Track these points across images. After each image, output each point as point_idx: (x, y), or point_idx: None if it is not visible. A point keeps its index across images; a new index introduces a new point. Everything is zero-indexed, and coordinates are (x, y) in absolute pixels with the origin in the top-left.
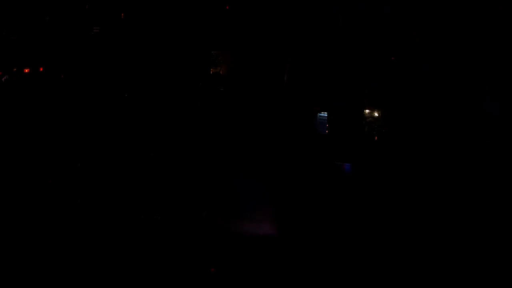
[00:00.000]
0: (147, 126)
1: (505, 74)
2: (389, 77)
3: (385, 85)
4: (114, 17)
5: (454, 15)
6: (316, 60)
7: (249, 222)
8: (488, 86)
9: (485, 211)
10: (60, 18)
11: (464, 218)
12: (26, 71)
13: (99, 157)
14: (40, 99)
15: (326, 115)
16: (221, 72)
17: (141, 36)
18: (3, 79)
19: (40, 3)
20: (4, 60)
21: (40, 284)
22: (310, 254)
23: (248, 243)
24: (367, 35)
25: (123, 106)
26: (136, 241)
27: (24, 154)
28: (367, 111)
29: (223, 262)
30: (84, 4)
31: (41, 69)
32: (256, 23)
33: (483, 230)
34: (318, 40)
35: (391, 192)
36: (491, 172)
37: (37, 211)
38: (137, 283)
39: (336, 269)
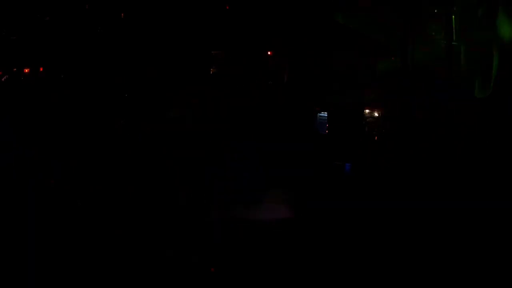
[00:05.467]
0: (147, 126)
1: None
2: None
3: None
4: (114, 17)
5: None
6: (316, 60)
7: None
8: None
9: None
10: (60, 18)
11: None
12: (26, 71)
13: (99, 157)
14: (40, 99)
15: (326, 115)
16: (221, 72)
17: (141, 36)
18: (3, 79)
19: (40, 3)
20: (4, 60)
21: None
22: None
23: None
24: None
25: (123, 106)
26: (135, 241)
27: (25, 154)
28: (367, 111)
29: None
30: (84, 4)
31: (41, 69)
32: (256, 23)
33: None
34: (317, 39)
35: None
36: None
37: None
38: (137, 283)
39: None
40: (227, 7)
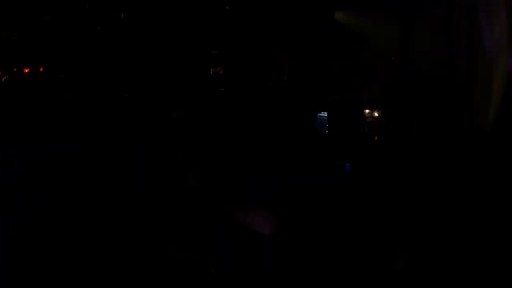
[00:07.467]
0: (147, 126)
1: None
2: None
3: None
4: (114, 17)
5: None
6: (315, 59)
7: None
8: None
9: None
10: (60, 18)
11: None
12: (26, 71)
13: (98, 156)
14: (40, 99)
15: (326, 115)
16: (221, 72)
17: (141, 36)
18: (3, 79)
19: (40, 3)
20: (4, 60)
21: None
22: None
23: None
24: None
25: (123, 106)
26: (134, 240)
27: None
28: (367, 111)
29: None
30: (84, 4)
31: (41, 69)
32: (256, 23)
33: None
34: (317, 39)
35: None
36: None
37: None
38: (136, 284)
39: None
40: (227, 7)
